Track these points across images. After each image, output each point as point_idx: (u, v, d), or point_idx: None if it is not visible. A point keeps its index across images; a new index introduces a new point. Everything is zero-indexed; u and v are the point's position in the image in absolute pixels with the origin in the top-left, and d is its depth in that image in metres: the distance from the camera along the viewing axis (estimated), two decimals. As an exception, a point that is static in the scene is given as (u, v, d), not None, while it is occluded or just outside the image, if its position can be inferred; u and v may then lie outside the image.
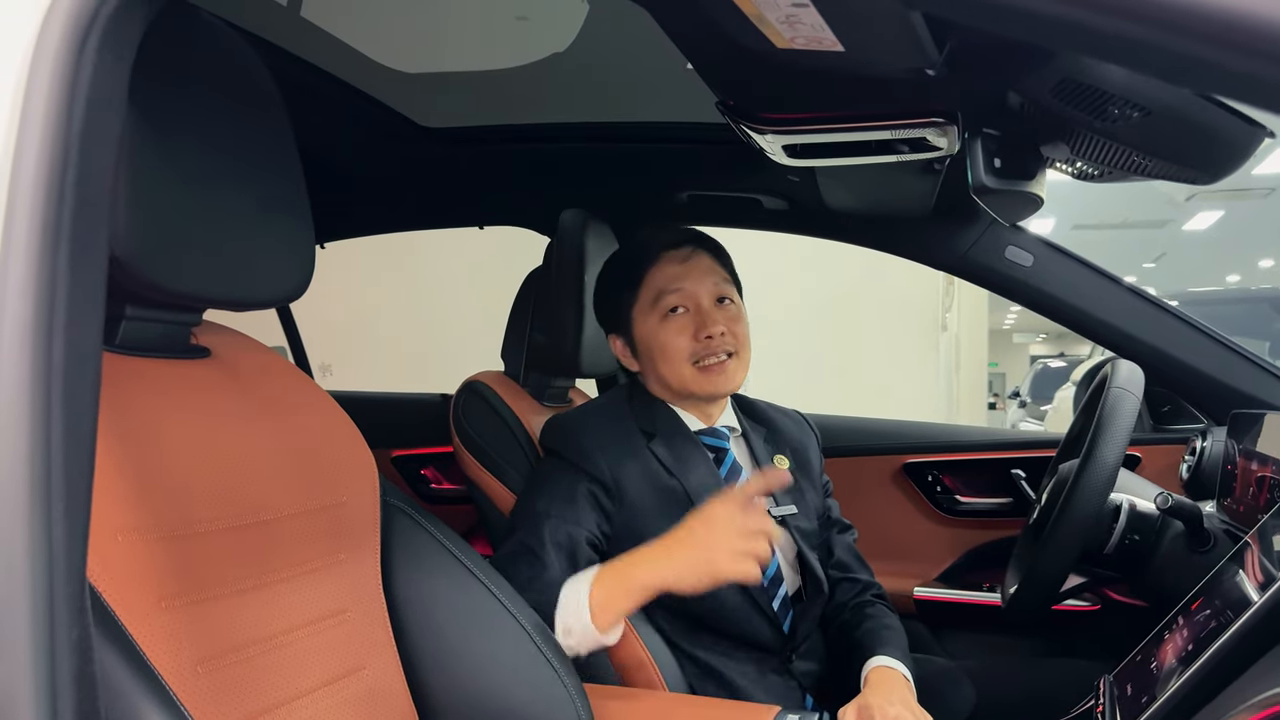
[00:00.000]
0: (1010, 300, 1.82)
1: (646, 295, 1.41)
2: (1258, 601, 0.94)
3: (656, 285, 1.40)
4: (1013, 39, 0.92)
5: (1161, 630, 1.15)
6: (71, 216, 0.60)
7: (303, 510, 0.97)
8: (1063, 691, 1.32)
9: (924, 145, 1.19)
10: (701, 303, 1.39)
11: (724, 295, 1.42)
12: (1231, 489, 1.49)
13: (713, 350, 1.37)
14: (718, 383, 1.39)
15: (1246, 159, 1.01)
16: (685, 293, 1.39)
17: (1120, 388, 1.38)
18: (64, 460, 0.55)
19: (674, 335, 1.39)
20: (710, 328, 1.37)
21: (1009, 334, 25.44)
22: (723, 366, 1.38)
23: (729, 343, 1.38)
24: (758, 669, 1.39)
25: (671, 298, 1.39)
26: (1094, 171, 1.14)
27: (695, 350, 1.38)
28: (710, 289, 1.40)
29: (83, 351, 0.59)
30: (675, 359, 1.39)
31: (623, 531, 1.35)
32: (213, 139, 0.87)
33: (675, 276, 1.40)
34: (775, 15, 0.83)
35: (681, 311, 1.39)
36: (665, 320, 1.39)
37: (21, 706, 0.50)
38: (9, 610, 0.52)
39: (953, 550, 2.01)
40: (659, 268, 1.41)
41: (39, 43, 0.63)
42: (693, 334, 1.38)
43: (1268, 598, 0.93)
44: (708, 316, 1.38)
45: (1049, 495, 1.54)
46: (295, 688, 0.90)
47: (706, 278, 1.41)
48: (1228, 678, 0.92)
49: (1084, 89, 0.96)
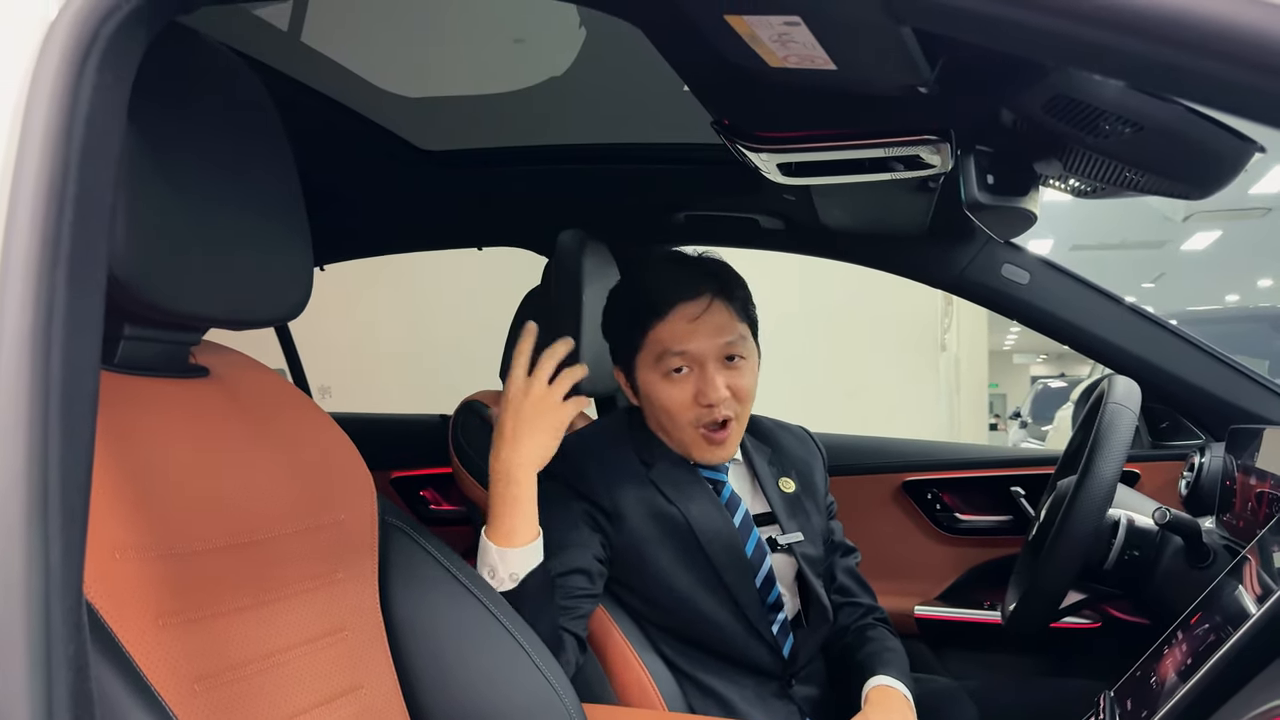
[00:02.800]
0: (1008, 318, 1.83)
1: (650, 349, 1.36)
2: (1256, 614, 0.94)
3: (662, 343, 1.34)
4: (1002, 54, 0.93)
5: (1161, 645, 1.15)
6: (71, 233, 0.61)
7: (301, 529, 0.97)
8: (1065, 709, 1.32)
9: (917, 163, 1.20)
10: (706, 365, 1.33)
11: (734, 353, 1.35)
12: (1231, 504, 1.49)
13: (713, 417, 1.34)
14: (715, 453, 1.37)
15: (1237, 174, 1.02)
16: (690, 355, 1.34)
17: (1117, 403, 1.38)
18: (61, 475, 0.56)
19: (674, 395, 1.35)
20: (711, 395, 1.32)
21: (1009, 355, 25.46)
22: (722, 436, 1.35)
23: (728, 409, 1.34)
24: (758, 692, 1.38)
25: (675, 359, 1.34)
26: (1086, 188, 1.15)
27: (696, 415, 1.35)
28: (719, 349, 1.34)
29: (81, 368, 0.59)
30: (675, 418, 1.36)
31: (622, 557, 1.35)
32: (212, 159, 0.88)
33: (682, 336, 1.33)
34: (768, 34, 0.84)
35: (685, 371, 1.34)
36: (667, 378, 1.35)
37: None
38: (5, 625, 0.52)
39: (954, 568, 2.01)
40: (667, 324, 1.34)
41: (40, 61, 0.64)
42: (693, 396, 1.34)
43: (1265, 610, 0.93)
44: (710, 384, 1.32)
45: (1047, 511, 1.54)
46: (293, 706, 0.90)
47: (717, 337, 1.34)
48: (1228, 691, 0.92)
49: (1076, 105, 0.97)
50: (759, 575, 1.37)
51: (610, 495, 1.34)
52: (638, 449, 1.40)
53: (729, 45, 0.89)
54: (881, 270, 1.87)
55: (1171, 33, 0.49)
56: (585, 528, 1.32)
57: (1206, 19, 0.50)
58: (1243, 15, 0.47)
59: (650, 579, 1.35)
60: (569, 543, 1.30)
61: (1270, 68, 0.51)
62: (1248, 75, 0.52)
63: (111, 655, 0.67)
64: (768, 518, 1.43)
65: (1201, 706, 0.93)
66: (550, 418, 1.27)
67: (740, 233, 1.89)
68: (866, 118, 1.10)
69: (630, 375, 1.41)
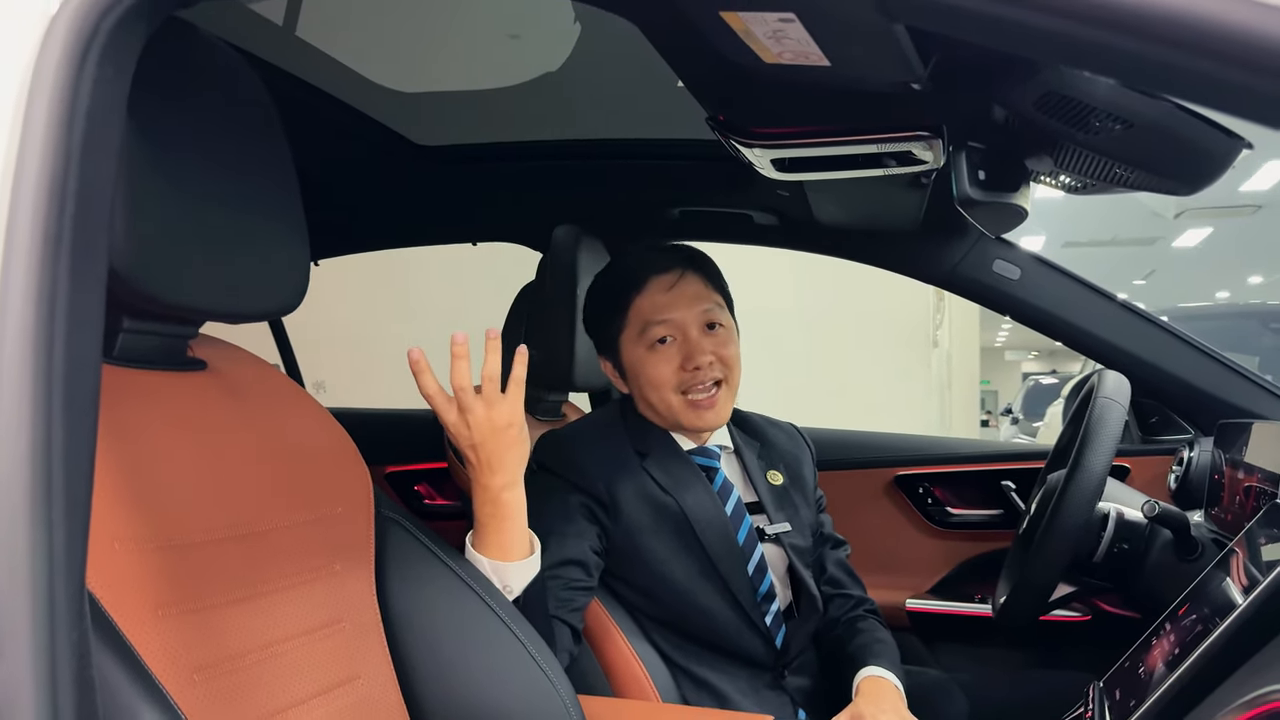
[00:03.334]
0: (999, 314, 1.84)
1: (633, 324, 1.39)
2: (1242, 605, 0.95)
3: (643, 315, 1.38)
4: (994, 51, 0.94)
5: (1149, 636, 1.16)
6: (72, 227, 0.61)
7: (297, 521, 0.98)
8: (1054, 700, 1.33)
9: (910, 159, 1.21)
10: (689, 332, 1.37)
11: (713, 321, 1.39)
12: (1219, 498, 1.51)
13: (700, 380, 1.36)
14: (706, 418, 1.38)
15: (1225, 170, 1.03)
16: (672, 323, 1.37)
17: (1107, 398, 1.39)
18: (64, 465, 0.56)
19: (661, 365, 1.37)
20: (697, 358, 1.36)
21: (1000, 351, 25.51)
22: (712, 400, 1.38)
23: (716, 371, 1.37)
24: (751, 683, 1.39)
25: (658, 328, 1.37)
26: (1077, 184, 1.16)
27: (682, 380, 1.37)
28: (698, 316, 1.38)
29: (83, 360, 0.60)
30: (662, 389, 1.38)
31: (619, 548, 1.36)
32: (210, 153, 0.89)
33: (662, 306, 1.38)
34: (763, 30, 0.84)
35: (669, 341, 1.38)
36: (652, 350, 1.38)
37: (22, 706, 0.51)
38: (10, 612, 0.52)
39: (945, 562, 2.02)
40: (646, 296, 1.39)
41: (41, 55, 0.64)
42: (680, 364, 1.37)
43: (1251, 601, 0.94)
44: (695, 347, 1.36)
45: (1038, 505, 1.55)
46: (290, 696, 0.90)
47: (695, 305, 1.39)
48: (1215, 680, 0.93)
49: (1067, 102, 0.98)
50: (750, 563, 1.38)
51: (606, 486, 1.35)
52: (632, 438, 1.41)
53: (724, 41, 0.89)
54: (874, 266, 1.88)
55: (1167, 32, 0.50)
56: (581, 519, 1.33)
57: (1201, 18, 0.51)
58: (1234, 15, 0.48)
59: (646, 569, 1.36)
60: (565, 534, 1.30)
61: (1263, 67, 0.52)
62: (1240, 74, 0.53)
63: (113, 644, 0.67)
64: (756, 507, 1.45)
65: (1189, 695, 0.94)
66: (508, 432, 1.14)
67: (734, 228, 1.90)
68: (860, 114, 1.11)
69: (616, 358, 1.44)
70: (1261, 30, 0.51)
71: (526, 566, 1.17)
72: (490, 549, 1.15)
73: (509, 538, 1.16)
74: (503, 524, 1.15)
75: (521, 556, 1.17)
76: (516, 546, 1.16)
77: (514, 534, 1.16)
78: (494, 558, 1.15)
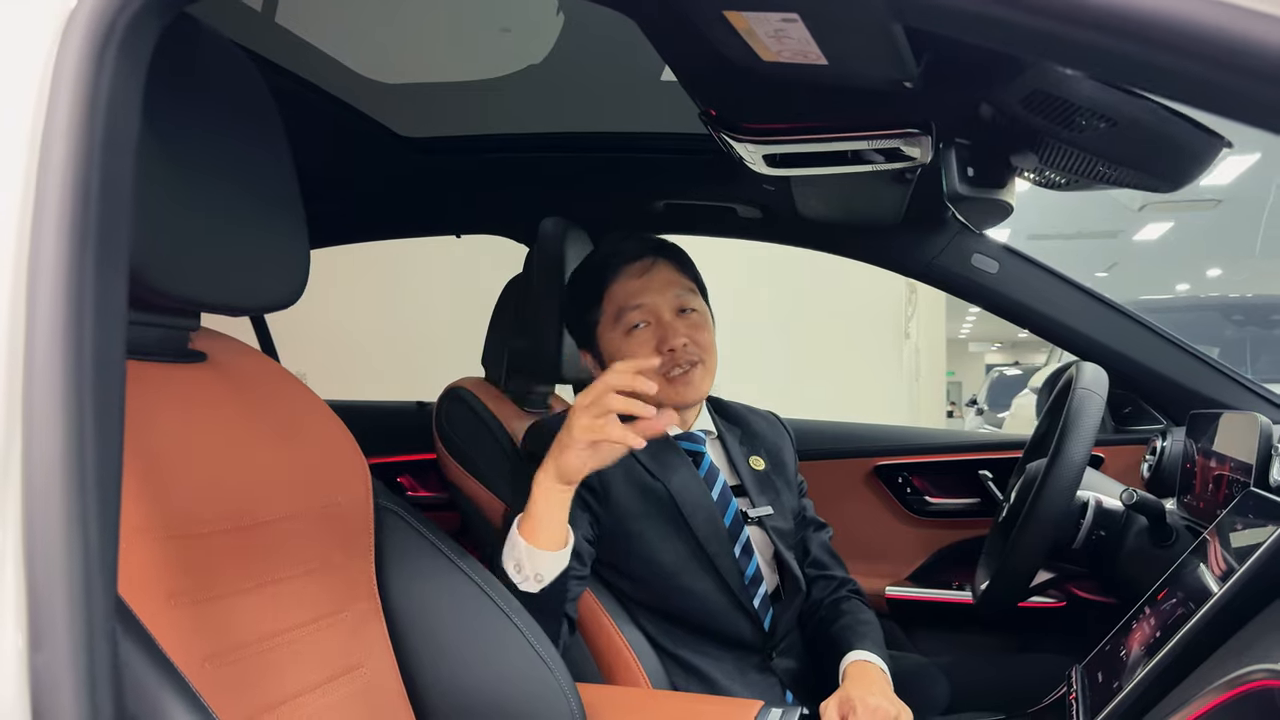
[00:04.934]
0: (977, 306, 1.87)
1: (609, 312, 1.43)
2: (1218, 592, 0.99)
3: (618, 301, 1.42)
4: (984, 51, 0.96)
5: (1129, 620, 1.20)
6: (97, 223, 0.62)
7: (300, 512, 0.99)
8: (1034, 684, 1.37)
9: (898, 155, 1.23)
10: (663, 316, 1.41)
11: (685, 306, 1.43)
12: (1191, 486, 1.55)
13: (676, 362, 1.39)
14: (684, 393, 1.41)
15: (1206, 168, 1.07)
16: (646, 308, 1.41)
17: (1086, 389, 1.43)
18: (96, 461, 0.57)
19: (637, 350, 1.40)
20: (672, 340, 1.39)
21: (965, 343, 25.78)
22: (687, 377, 1.40)
23: (692, 353, 1.40)
24: (738, 666, 1.42)
25: (633, 314, 1.41)
26: (1061, 180, 1.19)
27: (660, 364, 1.39)
28: (671, 301, 1.42)
29: (111, 353, 0.61)
30: None
31: (610, 533, 1.38)
32: (214, 147, 0.89)
33: (635, 292, 1.41)
34: (764, 30, 0.86)
35: (644, 326, 1.41)
36: (629, 336, 1.41)
37: (63, 694, 0.52)
38: (49, 604, 0.53)
39: (923, 550, 2.06)
40: (619, 283, 1.42)
41: (61, 51, 0.65)
42: (655, 348, 1.40)
43: (1227, 589, 0.98)
44: (669, 329, 1.40)
45: (1018, 494, 1.59)
46: (296, 685, 0.91)
47: (667, 290, 1.42)
48: (1195, 661, 0.97)
49: (1053, 100, 1.01)
50: (738, 545, 1.41)
51: (597, 473, 1.36)
52: None
53: (724, 39, 0.91)
54: (856, 259, 1.91)
55: (1166, 38, 0.53)
56: (574, 508, 1.34)
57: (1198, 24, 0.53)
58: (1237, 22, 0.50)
59: (636, 555, 1.38)
60: None
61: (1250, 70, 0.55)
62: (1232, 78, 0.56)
63: (133, 631, 0.68)
64: (739, 490, 1.48)
65: (1171, 676, 0.97)
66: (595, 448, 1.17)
67: (718, 221, 1.92)
68: (852, 111, 1.13)
69: (595, 349, 1.46)
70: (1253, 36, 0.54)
71: (561, 558, 1.21)
72: (531, 534, 1.20)
73: (555, 526, 1.21)
74: (552, 510, 1.21)
75: (559, 547, 1.21)
76: (556, 536, 1.22)
77: (558, 524, 1.22)
78: (530, 542, 1.19)
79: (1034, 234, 11.96)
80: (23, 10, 0.65)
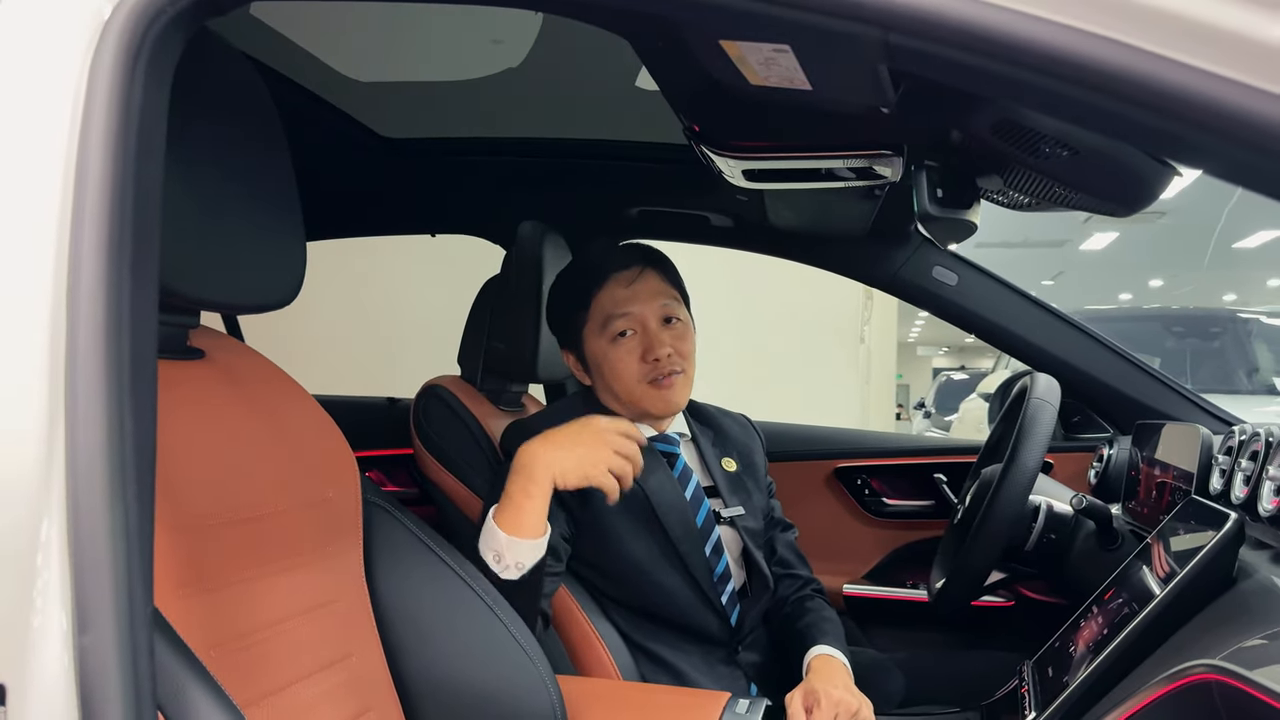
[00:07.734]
0: (938, 316, 1.95)
1: (595, 318, 1.46)
2: (1161, 594, 1.07)
3: (605, 309, 1.45)
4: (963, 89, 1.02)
5: (1078, 619, 1.27)
6: (133, 228, 0.65)
7: (294, 506, 1.02)
8: (986, 678, 1.44)
9: (871, 174, 1.29)
10: (649, 325, 1.45)
11: (671, 315, 1.47)
12: (1135, 493, 1.63)
13: (660, 371, 1.44)
14: (668, 399, 1.46)
15: (1158, 195, 1.13)
16: (633, 316, 1.44)
17: (1040, 398, 1.50)
18: (135, 452, 0.60)
19: (623, 357, 1.44)
20: (658, 350, 1.43)
21: (913, 347, 26.15)
22: (670, 382, 1.45)
23: (676, 363, 1.44)
24: (706, 660, 1.47)
25: (620, 322, 1.44)
26: (1025, 200, 1.26)
27: (644, 371, 1.44)
28: (657, 310, 1.46)
29: (145, 352, 0.64)
30: (626, 379, 1.45)
31: (586, 532, 1.42)
32: (215, 149, 0.92)
33: (623, 300, 1.45)
34: (756, 57, 0.91)
35: (630, 334, 1.44)
36: (615, 343, 1.45)
37: (109, 672, 0.55)
38: (97, 587, 0.57)
39: (879, 549, 2.13)
40: (607, 290, 1.46)
41: (94, 66, 0.67)
42: (641, 355, 1.44)
43: (1169, 590, 1.06)
44: (655, 339, 1.44)
45: (973, 497, 1.66)
46: (292, 673, 0.95)
47: (654, 299, 1.46)
48: (1139, 657, 1.04)
49: (1019, 129, 1.07)
50: (708, 544, 1.46)
51: None
52: None
53: (715, 63, 0.96)
54: (822, 268, 1.97)
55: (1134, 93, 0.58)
56: (552, 505, 1.38)
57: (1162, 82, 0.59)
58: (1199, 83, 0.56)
59: (610, 552, 1.43)
60: None
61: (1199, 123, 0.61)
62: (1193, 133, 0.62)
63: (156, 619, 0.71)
64: (711, 491, 1.53)
65: (1117, 671, 1.04)
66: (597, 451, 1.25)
67: (691, 229, 1.97)
68: (830, 132, 1.19)
69: (579, 350, 1.50)
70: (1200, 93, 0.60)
71: (539, 547, 1.24)
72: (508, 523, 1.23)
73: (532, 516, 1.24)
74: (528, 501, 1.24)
75: (536, 536, 1.24)
76: (534, 525, 1.24)
77: (536, 514, 1.24)
78: (509, 532, 1.22)
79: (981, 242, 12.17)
80: (56, 28, 0.68)
